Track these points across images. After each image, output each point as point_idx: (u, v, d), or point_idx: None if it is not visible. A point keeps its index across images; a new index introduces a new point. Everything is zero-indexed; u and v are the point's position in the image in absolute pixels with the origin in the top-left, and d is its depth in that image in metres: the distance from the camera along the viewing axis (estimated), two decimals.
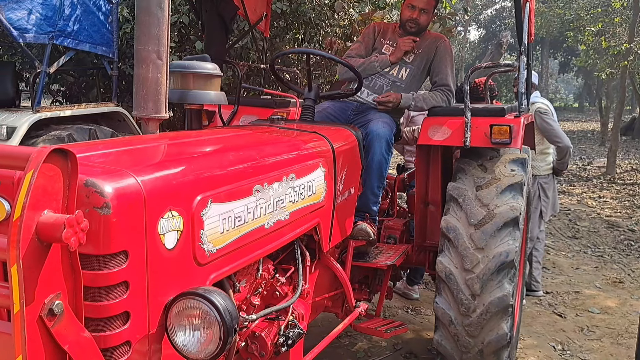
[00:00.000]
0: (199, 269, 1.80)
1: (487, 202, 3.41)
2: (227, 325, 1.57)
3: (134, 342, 1.56)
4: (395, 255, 3.65)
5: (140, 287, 1.56)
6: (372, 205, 3.49)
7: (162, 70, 2.35)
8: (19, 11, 4.18)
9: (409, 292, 5.47)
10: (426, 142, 3.63)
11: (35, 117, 4.40)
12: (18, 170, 1.27)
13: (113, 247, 1.46)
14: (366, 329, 3.53)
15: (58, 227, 1.18)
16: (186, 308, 1.60)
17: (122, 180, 1.52)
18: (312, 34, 6.18)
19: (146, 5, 2.30)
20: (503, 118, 3.50)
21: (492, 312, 3.26)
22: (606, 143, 20.15)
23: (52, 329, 1.26)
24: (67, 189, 1.27)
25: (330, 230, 2.85)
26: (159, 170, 1.69)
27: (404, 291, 5.49)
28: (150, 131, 2.39)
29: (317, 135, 2.83)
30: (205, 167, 1.89)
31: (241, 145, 2.35)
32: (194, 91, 2.63)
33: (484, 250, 3.31)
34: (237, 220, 1.99)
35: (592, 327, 5.01)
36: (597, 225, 8.78)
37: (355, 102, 3.84)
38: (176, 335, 1.61)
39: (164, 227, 1.64)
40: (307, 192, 2.52)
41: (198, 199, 1.78)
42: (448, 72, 3.87)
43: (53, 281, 1.26)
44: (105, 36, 5.10)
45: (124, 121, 5.42)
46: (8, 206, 1.46)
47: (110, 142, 2.15)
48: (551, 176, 5.59)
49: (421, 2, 3.87)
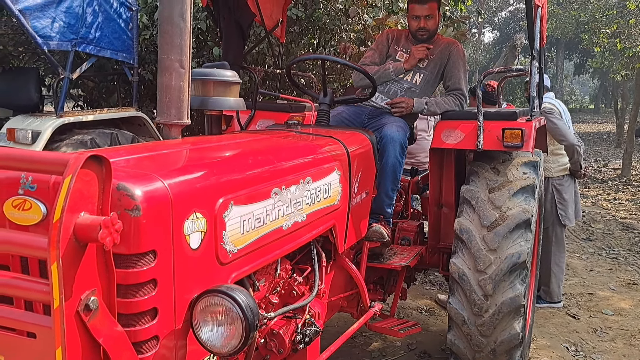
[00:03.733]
0: (221, 268, 1.90)
1: (500, 205, 3.48)
2: (249, 321, 1.66)
3: (162, 336, 1.65)
4: (409, 257, 3.72)
5: (167, 284, 1.66)
6: (386, 208, 3.56)
7: (185, 78, 2.46)
8: (43, 19, 4.32)
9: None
10: (439, 146, 3.70)
11: (58, 122, 4.53)
12: (54, 174, 1.37)
13: (143, 247, 1.56)
14: (381, 329, 3.61)
15: (94, 228, 1.28)
16: (210, 305, 1.69)
17: (151, 184, 1.62)
18: (326, 39, 6.27)
19: (169, 15, 2.40)
20: (515, 122, 3.57)
21: (504, 312, 3.32)
22: (622, 145, 20.04)
23: (88, 323, 1.35)
24: (102, 193, 1.37)
25: (345, 231, 2.93)
26: (184, 174, 1.78)
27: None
28: (172, 136, 2.50)
29: (333, 139, 2.91)
30: (227, 171, 1.99)
31: (260, 150, 2.44)
32: (214, 98, 2.73)
33: (497, 252, 3.37)
34: (257, 222, 2.09)
35: (605, 328, 5.04)
36: (612, 228, 8.78)
37: (370, 107, 3.92)
38: (201, 331, 1.71)
39: (189, 228, 1.73)
40: (323, 195, 2.60)
41: (220, 201, 1.87)
42: (461, 77, 3.94)
43: (89, 278, 1.36)
44: (126, 43, 5.24)
45: (144, 125, 5.54)
46: (44, 208, 1.57)
47: (137, 147, 2.25)
48: (567, 178, 5.46)
49: (423, 10, 3.92)
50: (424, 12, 3.91)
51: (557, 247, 5.51)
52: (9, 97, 5.37)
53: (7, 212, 1.58)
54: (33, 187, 1.57)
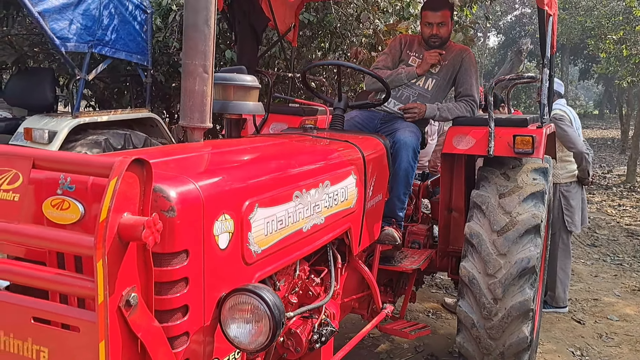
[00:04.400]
0: (246, 267, 1.96)
1: (510, 210, 3.53)
2: (276, 319, 1.72)
3: (192, 333, 1.72)
4: (420, 260, 3.78)
5: (197, 283, 1.73)
6: (398, 211, 3.62)
7: (208, 83, 2.52)
8: (61, 21, 4.40)
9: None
10: (451, 151, 3.76)
11: (74, 122, 4.61)
12: (100, 177, 1.43)
13: (177, 246, 1.63)
14: (391, 330, 3.67)
15: (138, 228, 1.35)
16: (239, 303, 1.75)
17: (184, 186, 1.69)
18: (337, 43, 6.34)
19: (194, 22, 2.47)
20: (526, 128, 3.62)
21: (513, 315, 3.37)
22: (626, 151, 20.07)
23: (128, 318, 1.42)
24: (142, 194, 1.44)
25: (360, 234, 3.00)
26: (214, 177, 1.85)
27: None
28: (195, 139, 2.56)
29: (349, 144, 2.98)
30: (252, 174, 2.05)
31: (281, 154, 2.51)
32: (234, 102, 2.80)
33: (506, 256, 3.42)
34: (279, 224, 2.15)
35: (610, 333, 5.09)
36: (617, 234, 8.82)
37: (382, 112, 3.99)
38: (229, 328, 1.77)
39: (218, 229, 1.80)
40: (340, 198, 2.67)
41: (247, 203, 1.94)
42: (472, 83, 4.00)
43: (129, 276, 1.43)
44: (140, 45, 5.32)
45: (156, 126, 5.62)
46: (82, 208, 1.64)
47: (165, 149, 2.32)
48: (575, 185, 5.51)
49: (436, 17, 4.00)
50: (437, 19, 3.98)
51: (563, 253, 5.56)
52: (24, 97, 5.45)
53: (45, 211, 1.65)
54: (72, 187, 1.64)
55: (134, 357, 1.48)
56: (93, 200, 1.63)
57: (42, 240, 1.42)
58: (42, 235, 1.43)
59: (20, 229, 1.41)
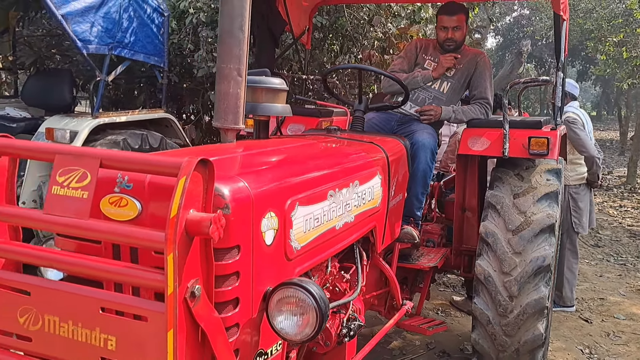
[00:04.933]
0: (287, 263, 2.06)
1: (525, 210, 3.62)
2: (322, 311, 1.82)
3: (242, 324, 1.81)
4: (436, 258, 3.88)
5: (247, 277, 1.82)
6: (416, 211, 3.72)
7: (242, 86, 2.60)
8: (83, 24, 4.49)
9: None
10: (466, 152, 3.86)
11: (95, 122, 4.69)
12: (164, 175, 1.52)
13: (230, 242, 1.72)
14: (409, 326, 3.77)
15: (206, 224, 1.44)
16: (287, 296, 1.84)
17: (236, 184, 1.78)
18: (349, 46, 6.44)
19: (229, 28, 2.55)
20: (540, 130, 3.72)
21: (528, 313, 3.45)
22: (625, 152, 20.20)
23: (193, 309, 1.51)
24: (205, 192, 1.53)
25: (383, 232, 3.10)
26: (260, 176, 1.95)
27: (468, 309, 5.32)
28: (228, 140, 2.65)
29: (373, 145, 3.08)
30: (293, 173, 2.15)
31: (315, 154, 2.61)
32: (263, 104, 2.88)
33: (522, 255, 3.51)
34: (316, 222, 2.25)
35: (618, 332, 5.18)
36: (619, 235, 8.94)
37: (399, 114, 4.08)
38: (277, 320, 1.86)
39: (265, 226, 1.89)
40: (367, 197, 2.77)
41: (289, 202, 2.04)
42: (487, 86, 4.10)
43: (194, 268, 1.52)
44: (158, 47, 5.41)
45: (170, 126, 5.70)
46: (139, 205, 1.74)
47: (202, 150, 2.41)
48: (583, 187, 5.60)
49: (452, 21, 4.10)
50: (453, 23, 4.08)
51: (571, 253, 5.66)
52: (42, 97, 5.53)
53: (103, 208, 1.74)
54: (129, 185, 1.73)
55: (195, 346, 1.57)
56: (150, 198, 1.72)
57: (116, 235, 1.51)
58: (117, 231, 1.52)
59: (94, 225, 1.50)
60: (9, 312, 1.66)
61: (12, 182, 1.75)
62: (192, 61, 6.30)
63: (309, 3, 5.08)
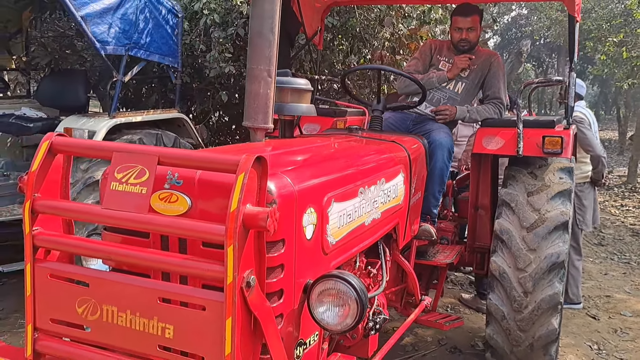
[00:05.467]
0: (324, 257, 2.14)
1: (539, 207, 3.70)
2: (363, 302, 1.89)
3: (285, 314, 1.89)
4: (452, 255, 3.96)
5: (290, 269, 1.90)
6: (433, 208, 3.81)
7: (271, 86, 2.67)
8: (101, 25, 4.56)
9: (481, 307, 5.35)
10: (481, 151, 3.93)
11: (112, 122, 4.76)
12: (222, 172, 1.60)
13: (277, 236, 1.80)
14: (426, 322, 3.85)
15: (263, 217, 1.52)
16: (328, 288, 1.92)
17: (281, 181, 1.86)
18: (359, 46, 6.52)
19: (259, 30, 2.62)
20: (554, 130, 3.80)
21: (543, 308, 3.52)
22: (624, 152, 20.33)
23: (248, 298, 1.58)
24: (259, 187, 1.60)
25: (404, 229, 3.18)
26: (301, 173, 2.03)
27: (477, 306, 5.53)
28: (258, 139, 2.72)
29: (395, 144, 3.16)
30: (329, 171, 2.23)
31: (344, 153, 2.69)
32: (289, 104, 2.96)
33: (536, 251, 3.58)
34: (348, 218, 2.33)
35: (625, 328, 5.27)
36: (622, 233, 9.03)
37: (414, 114, 4.17)
38: (318, 311, 1.94)
39: (306, 221, 1.97)
40: (392, 195, 2.85)
41: (325, 198, 2.12)
42: (500, 87, 4.18)
43: (249, 260, 1.59)
44: (172, 47, 5.48)
45: (183, 126, 5.77)
46: (189, 201, 1.81)
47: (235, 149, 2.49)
48: (588, 185, 5.70)
49: (466, 22, 4.18)
50: (467, 24, 4.16)
51: (574, 250, 5.74)
52: (57, 98, 5.59)
53: (153, 204, 1.81)
54: (179, 182, 1.81)
55: (248, 333, 1.65)
56: (200, 194, 1.80)
57: (178, 229, 1.59)
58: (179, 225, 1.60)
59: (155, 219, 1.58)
60: (67, 302, 1.73)
61: (66, 179, 1.83)
62: (204, 61, 6.37)
63: (321, 4, 5.16)
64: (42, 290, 1.79)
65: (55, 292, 1.78)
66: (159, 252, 1.70)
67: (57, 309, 1.77)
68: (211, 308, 1.58)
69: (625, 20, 17.52)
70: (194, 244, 1.80)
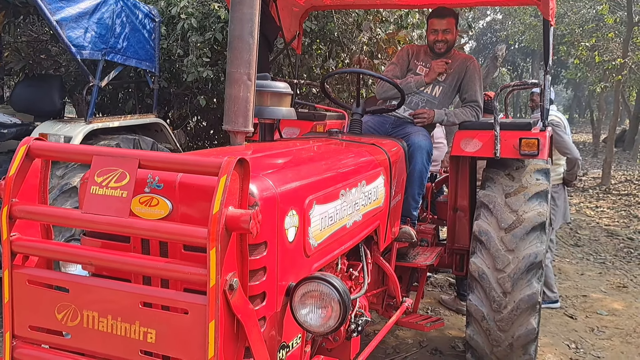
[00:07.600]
0: (306, 259, 2.14)
1: (516, 208, 3.75)
2: (345, 303, 1.90)
3: (268, 317, 1.89)
4: (432, 257, 3.99)
5: (272, 272, 1.89)
6: (413, 210, 3.83)
7: (251, 90, 2.67)
8: (77, 30, 4.50)
9: (461, 308, 5.42)
10: (459, 154, 3.97)
11: (89, 127, 4.71)
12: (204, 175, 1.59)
13: (258, 238, 1.79)
14: (408, 323, 3.86)
15: (246, 219, 1.51)
16: (310, 290, 1.92)
17: (263, 183, 1.86)
18: (337, 51, 6.55)
19: (239, 33, 2.62)
20: (530, 132, 3.86)
21: (522, 308, 3.56)
22: (598, 154, 20.68)
23: (231, 301, 1.58)
24: (241, 190, 1.60)
25: (385, 231, 3.19)
26: (282, 175, 2.03)
27: (457, 307, 5.57)
28: (238, 142, 2.71)
29: (375, 146, 3.18)
30: (310, 173, 2.23)
31: (325, 155, 2.69)
32: (269, 107, 2.96)
33: (514, 252, 3.63)
34: (330, 220, 2.33)
35: (601, 327, 5.35)
36: (597, 234, 9.17)
37: (393, 117, 4.19)
38: (301, 313, 1.94)
39: (288, 223, 1.97)
40: (372, 197, 2.86)
41: (307, 200, 2.12)
42: (477, 90, 4.23)
43: (232, 262, 1.59)
44: (149, 52, 5.44)
45: (161, 131, 5.74)
46: (170, 204, 1.80)
47: (217, 152, 2.47)
48: (561, 186, 5.85)
49: (442, 24, 4.23)
50: (443, 26, 4.20)
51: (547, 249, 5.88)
52: (32, 103, 5.51)
53: (134, 208, 1.80)
54: (160, 186, 1.80)
55: (231, 336, 1.64)
56: (180, 197, 1.79)
57: (159, 232, 1.57)
58: (160, 228, 1.58)
59: (136, 223, 1.57)
60: (46, 309, 1.71)
61: (45, 184, 1.80)
62: (181, 66, 6.34)
63: (299, 9, 5.17)
64: (21, 297, 1.76)
65: (34, 298, 1.75)
66: (141, 256, 1.68)
67: (36, 315, 1.74)
68: (194, 311, 1.56)
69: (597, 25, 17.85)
70: (175, 248, 1.79)
